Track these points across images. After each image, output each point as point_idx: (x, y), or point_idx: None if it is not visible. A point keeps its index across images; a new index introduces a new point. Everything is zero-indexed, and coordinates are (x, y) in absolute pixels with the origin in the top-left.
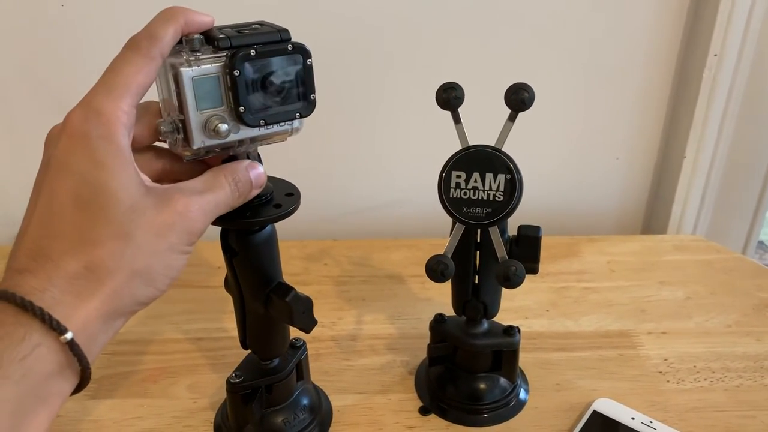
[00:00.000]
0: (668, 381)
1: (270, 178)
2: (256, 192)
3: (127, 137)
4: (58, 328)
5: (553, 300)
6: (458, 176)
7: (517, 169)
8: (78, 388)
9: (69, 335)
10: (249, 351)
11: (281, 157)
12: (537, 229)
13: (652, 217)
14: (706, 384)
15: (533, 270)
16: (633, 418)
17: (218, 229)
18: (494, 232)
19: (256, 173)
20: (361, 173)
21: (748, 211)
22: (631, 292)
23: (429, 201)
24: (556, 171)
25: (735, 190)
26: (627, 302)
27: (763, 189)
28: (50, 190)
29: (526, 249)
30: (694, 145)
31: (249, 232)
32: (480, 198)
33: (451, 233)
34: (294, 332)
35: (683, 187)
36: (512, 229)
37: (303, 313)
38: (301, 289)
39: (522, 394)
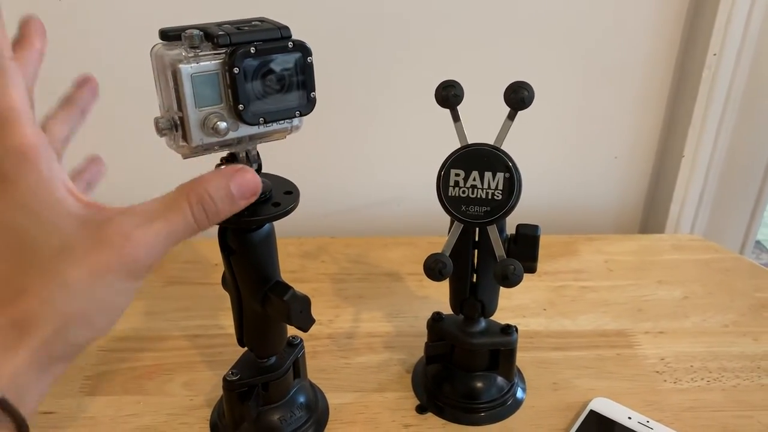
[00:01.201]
0: (665, 380)
1: (268, 176)
2: (244, 204)
3: (47, 157)
4: None
5: (551, 299)
6: (457, 174)
7: (516, 168)
8: None
9: None
10: (246, 349)
11: (279, 154)
12: (535, 228)
13: (650, 217)
14: (703, 384)
15: (531, 269)
16: (630, 418)
17: (216, 226)
18: (492, 230)
19: (242, 181)
20: (360, 171)
21: (745, 211)
22: (628, 292)
23: (427, 199)
24: (555, 170)
25: (733, 189)
26: (624, 301)
27: (761, 189)
28: None
29: (525, 248)
30: (693, 144)
31: (247, 231)
32: (479, 196)
33: (449, 231)
34: (291, 330)
35: (681, 186)
36: (510, 228)
37: (300, 312)
38: (298, 287)
39: (519, 393)
